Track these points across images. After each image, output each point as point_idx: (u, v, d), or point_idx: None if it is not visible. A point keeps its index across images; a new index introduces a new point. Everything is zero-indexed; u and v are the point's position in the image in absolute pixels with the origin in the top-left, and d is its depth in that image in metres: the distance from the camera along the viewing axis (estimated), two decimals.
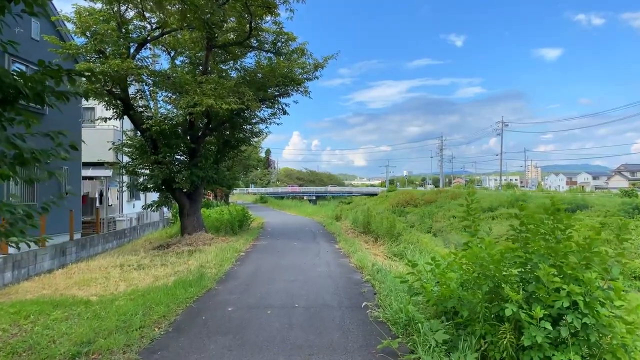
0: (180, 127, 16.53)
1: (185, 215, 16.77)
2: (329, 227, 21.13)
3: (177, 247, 16.16)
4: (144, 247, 18.65)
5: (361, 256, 11.77)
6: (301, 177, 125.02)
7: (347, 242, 15.26)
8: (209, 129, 16.54)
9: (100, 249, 19.74)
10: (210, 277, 9.64)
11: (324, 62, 16.52)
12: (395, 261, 13.55)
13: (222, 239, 17.07)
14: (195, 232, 16.74)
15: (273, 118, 17.60)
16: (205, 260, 11.92)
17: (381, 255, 14.28)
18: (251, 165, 50.77)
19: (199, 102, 12.74)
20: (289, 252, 13.13)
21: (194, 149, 16.28)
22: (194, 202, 16.78)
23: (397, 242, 15.76)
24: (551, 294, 4.55)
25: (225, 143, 17.93)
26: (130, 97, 15.07)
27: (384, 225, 16.74)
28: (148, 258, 14.50)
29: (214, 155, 17.48)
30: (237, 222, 20.23)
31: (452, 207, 65.63)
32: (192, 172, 15.68)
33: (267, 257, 12.36)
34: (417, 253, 13.10)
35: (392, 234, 16.16)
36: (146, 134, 14.99)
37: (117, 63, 12.23)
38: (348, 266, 10.75)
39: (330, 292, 7.97)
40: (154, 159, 15.29)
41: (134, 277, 11.20)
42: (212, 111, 13.89)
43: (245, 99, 13.69)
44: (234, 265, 11.09)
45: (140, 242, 21.37)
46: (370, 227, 18.29)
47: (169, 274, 10.97)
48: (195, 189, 16.63)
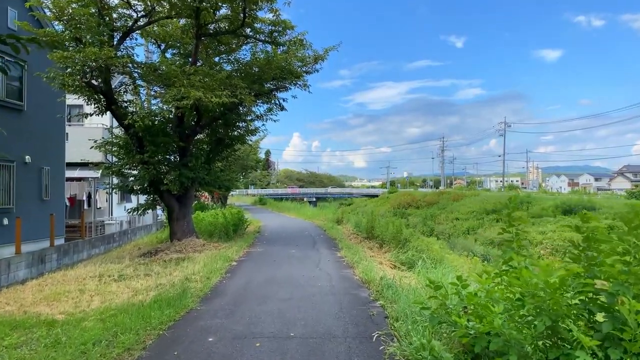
0: (169, 124, 15.27)
1: (175, 219, 15.48)
2: (330, 231, 19.84)
3: (165, 254, 14.89)
4: (130, 253, 17.37)
5: (367, 267, 10.49)
6: (301, 179, 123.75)
7: (350, 249, 13.98)
8: (200, 126, 15.24)
9: (86, 255, 18.47)
10: (194, 292, 8.37)
11: (325, 54, 15.24)
12: (403, 271, 12.30)
13: (215, 245, 15.80)
14: (185, 238, 15.46)
15: (269, 114, 16.31)
16: (192, 271, 10.64)
17: (387, 263, 13.01)
18: (249, 166, 49.45)
19: (186, 95, 11.46)
20: (286, 262, 11.85)
21: (183, 147, 14.99)
22: (183, 206, 15.50)
23: (405, 248, 14.48)
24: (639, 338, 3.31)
25: (218, 141, 16.63)
26: (114, 91, 13.79)
27: (390, 230, 15.46)
28: (132, 267, 13.26)
29: (206, 155, 16.19)
30: (231, 226, 18.93)
31: (454, 208, 64.55)
32: (181, 172, 14.40)
33: (261, 267, 11.07)
34: (429, 263, 11.81)
35: (399, 239, 14.88)
36: (130, 131, 13.71)
37: (94, 51, 10.95)
38: (352, 279, 9.47)
39: (332, 315, 6.68)
40: (139, 158, 14.01)
41: (111, 291, 9.95)
42: (201, 105, 12.61)
43: (238, 92, 12.41)
44: (223, 278, 9.81)
45: (128, 247, 20.10)
46: (374, 232, 17.01)
47: (150, 287, 9.71)
48: (185, 191, 15.34)
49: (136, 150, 14.34)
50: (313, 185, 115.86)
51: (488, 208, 56.86)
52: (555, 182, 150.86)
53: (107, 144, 14.73)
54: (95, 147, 14.47)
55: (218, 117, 15.20)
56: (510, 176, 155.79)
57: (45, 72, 12.37)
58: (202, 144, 17.20)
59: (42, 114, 16.60)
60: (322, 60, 15.33)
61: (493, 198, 63.61)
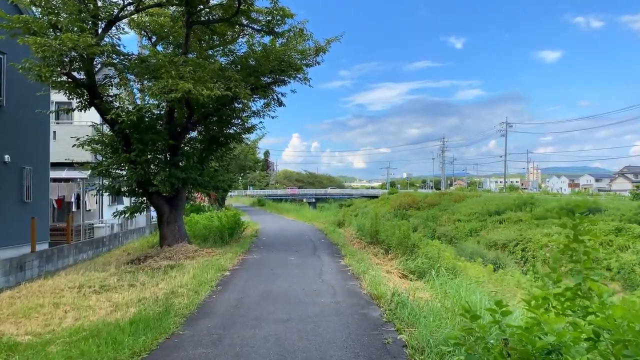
0: (159, 121, 14.16)
1: (165, 223, 14.37)
2: (332, 235, 18.73)
3: (154, 261, 13.78)
4: (118, 259, 16.25)
5: (374, 278, 9.39)
6: (300, 179, 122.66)
7: (354, 256, 12.87)
8: (192, 123, 14.12)
9: (72, 260, 17.34)
10: (178, 311, 7.27)
11: (327, 46, 14.13)
12: (413, 281, 11.22)
13: (208, 250, 14.68)
14: (176, 244, 14.35)
15: (267, 110, 15.17)
16: (179, 282, 9.53)
17: (396, 272, 11.91)
18: (248, 166, 48.31)
19: (175, 87, 10.35)
20: (285, 272, 10.73)
21: (173, 146, 13.87)
22: (174, 208, 14.39)
23: (413, 255, 13.38)
24: None
25: (212, 140, 15.50)
26: (98, 84, 12.68)
27: (396, 235, 14.34)
28: (117, 276, 12.18)
29: (199, 154, 15.07)
30: (227, 230, 17.81)
31: (456, 210, 63.50)
32: (171, 173, 13.28)
33: (257, 278, 9.94)
34: (442, 272, 10.70)
35: (407, 245, 13.77)
36: (115, 128, 12.60)
37: (71, 37, 9.84)
38: (360, 294, 8.35)
39: (339, 343, 5.57)
40: (126, 157, 12.91)
41: (89, 305, 8.88)
42: (191, 99, 11.51)
43: (233, 85, 11.30)
44: (213, 292, 8.69)
45: (117, 252, 18.97)
46: (379, 237, 15.91)
47: (132, 302, 8.62)
48: (176, 192, 14.24)
49: (122, 148, 13.23)
50: (312, 186, 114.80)
51: (491, 209, 55.91)
52: (555, 183, 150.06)
53: (92, 142, 13.60)
54: (78, 145, 13.33)
55: (211, 114, 14.09)
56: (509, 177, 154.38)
57: (21, 62, 11.25)
58: (195, 143, 16.09)
59: (24, 110, 15.49)
60: (324, 52, 14.23)
61: (495, 199, 62.63)
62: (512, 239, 42.80)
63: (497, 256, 24.80)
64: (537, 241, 39.96)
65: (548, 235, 40.58)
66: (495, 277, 13.19)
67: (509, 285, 12.99)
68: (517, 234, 43.44)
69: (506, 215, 51.25)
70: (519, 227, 46.48)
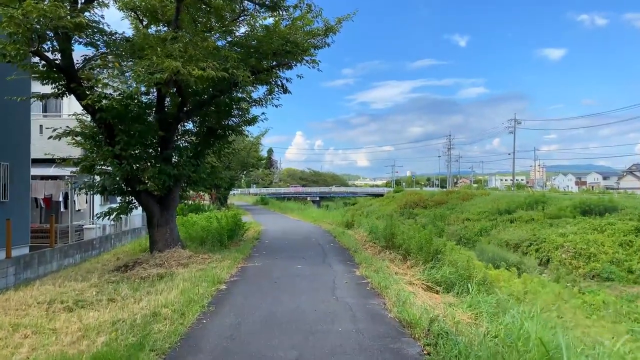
0: (147, 111, 12.53)
1: (155, 226, 12.74)
2: (341, 238, 17.05)
3: (142, 269, 12.17)
4: (105, 266, 14.66)
5: (399, 295, 7.74)
6: (304, 177, 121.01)
7: (369, 264, 11.22)
8: (185, 112, 12.44)
9: (56, 266, 15.75)
10: (156, 343, 5.63)
11: (337, 25, 12.45)
12: (440, 294, 9.60)
13: (204, 256, 13.04)
14: (167, 249, 12.74)
15: (270, 98, 13.46)
16: (164, 300, 7.88)
17: (419, 284, 10.26)
18: (250, 163, 46.63)
19: (160, 66, 8.71)
20: (291, 285, 9.07)
21: (164, 138, 12.23)
22: (166, 209, 12.75)
23: (436, 262, 11.74)
24: None
25: (209, 132, 13.83)
26: (77, 67, 11.04)
27: (416, 239, 12.68)
28: (97, 287, 10.60)
29: (193, 148, 13.44)
30: (226, 232, 16.17)
31: (464, 208, 61.80)
32: (161, 169, 11.65)
33: (258, 294, 8.28)
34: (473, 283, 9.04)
35: (429, 251, 12.11)
36: (97, 117, 10.97)
37: (37, 7, 8.20)
38: (386, 319, 6.68)
39: None
40: (108, 151, 11.28)
41: (53, 328, 7.26)
42: (181, 80, 9.85)
43: (229, 66, 9.64)
44: (204, 314, 7.04)
45: (107, 257, 17.36)
46: (395, 241, 14.25)
47: (104, 326, 6.97)
48: (167, 191, 12.61)
49: (105, 141, 11.60)
50: (316, 184, 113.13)
51: (501, 208, 54.20)
52: (562, 181, 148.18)
53: (70, 134, 11.96)
54: (54, 137, 11.72)
55: (207, 102, 12.43)
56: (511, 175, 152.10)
57: None
58: (189, 135, 14.44)
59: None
60: (334, 32, 12.54)
61: (504, 198, 60.96)
62: (525, 239, 41.11)
63: (521, 260, 22.96)
64: (552, 241, 38.24)
65: (563, 236, 38.87)
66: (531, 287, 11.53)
67: (548, 296, 11.34)
68: (530, 234, 41.75)
69: (517, 214, 49.55)
70: (531, 226, 44.80)
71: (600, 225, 38.82)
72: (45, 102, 21.07)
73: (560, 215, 45.18)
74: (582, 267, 33.40)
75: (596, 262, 33.07)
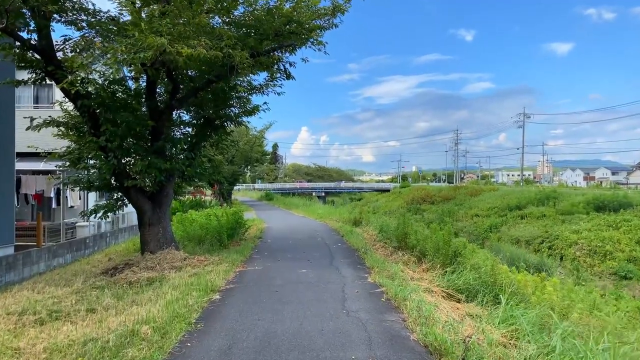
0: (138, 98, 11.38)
1: (146, 225, 11.62)
2: (349, 237, 15.87)
3: (131, 273, 11.08)
4: (95, 268, 13.57)
5: (421, 308, 6.59)
6: (309, 173, 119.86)
7: (382, 268, 10.06)
8: (177, 100, 11.26)
9: (43, 267, 14.70)
10: None
11: (346, 4, 11.22)
12: (462, 303, 8.46)
13: (200, 259, 11.93)
14: (160, 250, 11.63)
15: (272, 83, 12.23)
16: (146, 315, 6.76)
17: (438, 290, 9.09)
18: (254, 158, 45.39)
19: (144, 44, 7.56)
20: (294, 294, 7.91)
21: (154, 129, 11.08)
22: (158, 207, 11.63)
23: (455, 265, 10.55)
24: None
25: (206, 122, 12.68)
26: (57, 48, 9.91)
27: (433, 240, 11.50)
28: (78, 294, 9.56)
29: (188, 140, 12.31)
30: (225, 231, 15.04)
31: (473, 204, 60.50)
32: (152, 162, 10.52)
33: (255, 308, 7.12)
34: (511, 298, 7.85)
35: (447, 254, 10.92)
36: (79, 104, 9.83)
37: None
38: (408, 342, 5.51)
39: None
40: (92, 142, 10.16)
41: (17, 348, 6.20)
42: (170, 62, 8.68)
43: (224, 45, 8.47)
44: (190, 334, 5.90)
45: (99, 257, 16.29)
46: (408, 241, 13.09)
47: (73, 347, 5.88)
48: (159, 187, 11.48)
49: (90, 131, 10.47)
50: (322, 179, 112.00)
51: (511, 204, 52.89)
52: (570, 176, 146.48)
53: (51, 124, 10.83)
54: (32, 127, 10.60)
55: (202, 88, 11.25)
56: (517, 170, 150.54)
57: None
58: (185, 126, 13.27)
59: None
60: (342, 12, 11.32)
61: (514, 193, 59.62)
62: (536, 235, 39.86)
63: (541, 260, 21.64)
64: (565, 238, 36.97)
65: (577, 232, 37.58)
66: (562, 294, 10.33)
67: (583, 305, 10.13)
68: (541, 231, 40.49)
69: (528, 210, 48.22)
70: (542, 222, 43.54)
71: (616, 222, 37.55)
72: (36, 93, 20.02)
73: (572, 212, 43.88)
74: (597, 265, 32.15)
75: (612, 260, 31.85)
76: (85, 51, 9.33)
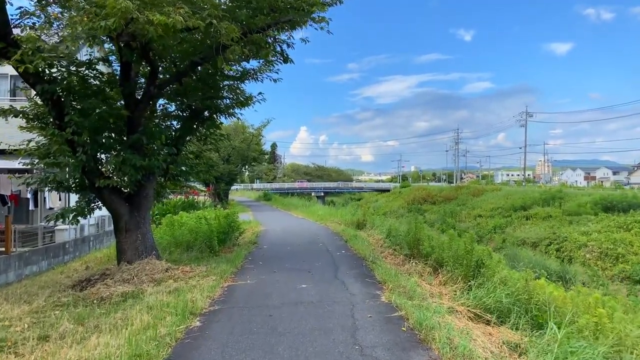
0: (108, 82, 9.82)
1: (123, 231, 10.09)
2: (353, 242, 14.36)
3: (105, 287, 9.59)
4: (68, 277, 12.05)
5: (452, 340, 5.12)
6: (308, 172, 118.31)
7: (396, 282, 8.54)
8: (156, 86, 9.71)
9: (13, 276, 13.19)
10: None
11: None
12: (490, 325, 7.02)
13: (185, 269, 10.41)
14: (138, 260, 10.11)
15: (266, 70, 10.71)
16: (104, 351, 5.25)
17: (462, 310, 7.62)
18: (251, 157, 43.78)
19: (106, 10, 6.06)
20: (292, 322, 6.36)
21: (130, 119, 9.57)
22: (136, 210, 10.10)
23: (477, 277, 9.08)
24: None
25: (193, 114, 11.16)
26: (12, 23, 8.40)
27: (451, 248, 10.00)
28: (35, 316, 8.11)
29: (171, 133, 10.78)
30: (216, 236, 13.52)
31: (475, 204, 59.13)
32: (126, 158, 9.01)
33: (243, 342, 5.56)
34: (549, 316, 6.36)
35: (469, 264, 9.42)
36: (38, 88, 8.30)
37: None
38: None
39: None
40: (54, 135, 8.64)
41: None
42: (140, 35, 7.17)
43: (207, 14, 6.96)
44: None
45: (76, 265, 14.76)
46: (421, 248, 11.60)
47: None
48: (138, 187, 9.97)
49: (54, 122, 8.95)
50: (320, 179, 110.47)
51: (516, 204, 51.58)
52: (570, 176, 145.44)
53: (7, 113, 9.29)
54: None
55: (185, 72, 9.71)
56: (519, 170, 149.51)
57: None
58: (169, 119, 11.72)
59: None
60: None
61: (517, 193, 58.36)
62: (543, 237, 38.51)
63: (564, 268, 20.02)
64: (574, 240, 35.60)
65: (586, 234, 36.23)
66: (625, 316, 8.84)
67: None
68: (548, 232, 39.14)
69: (533, 211, 46.93)
70: (549, 223, 42.22)
71: (626, 223, 36.21)
72: (12, 85, 18.49)
73: (579, 212, 42.55)
74: (609, 269, 30.81)
75: (625, 264, 30.52)
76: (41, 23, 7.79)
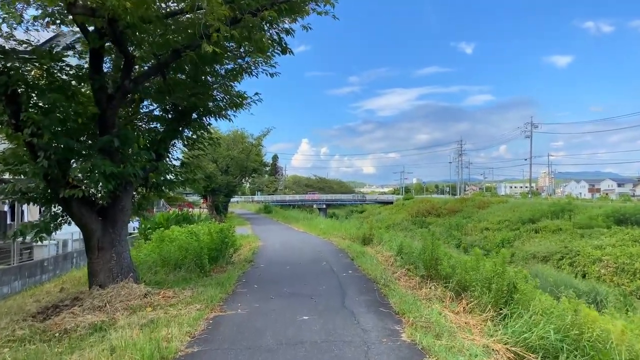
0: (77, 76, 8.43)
1: (95, 250, 8.62)
2: (360, 260, 12.84)
3: (71, 316, 8.12)
4: (35, 302, 10.55)
5: None
6: (310, 184, 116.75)
7: (417, 314, 7.05)
8: (132, 81, 8.31)
9: None
10: None
11: None
12: None
13: (166, 294, 8.93)
14: (113, 283, 8.65)
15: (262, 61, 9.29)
16: None
17: (500, 349, 6.15)
18: (251, 167, 42.20)
19: None
20: None
21: (101, 118, 8.17)
22: (111, 225, 8.65)
23: (511, 305, 7.59)
24: None
25: (179, 116, 9.74)
26: None
27: (481, 273, 8.49)
28: None
29: (153, 137, 9.37)
30: (207, 253, 12.03)
31: (481, 217, 57.56)
32: (95, 164, 7.59)
33: None
34: None
35: (500, 289, 7.92)
36: None
37: None
38: None
39: None
40: (11, 136, 7.25)
41: None
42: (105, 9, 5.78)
43: None
44: None
45: (48, 287, 13.22)
46: (439, 269, 10.10)
47: None
48: (113, 199, 8.53)
49: (9, 122, 7.54)
50: (322, 191, 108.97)
51: (524, 217, 50.09)
52: (574, 188, 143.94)
53: None
54: None
55: (167, 63, 8.31)
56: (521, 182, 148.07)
57: None
58: (154, 121, 10.29)
59: None
60: None
61: (524, 205, 56.87)
62: (554, 251, 36.93)
63: (594, 287, 18.32)
64: (588, 254, 34.06)
65: (600, 248, 34.70)
66: None
67: None
68: (560, 246, 37.56)
69: (542, 224, 45.43)
70: (559, 237, 40.68)
71: None
72: None
73: (591, 225, 41.02)
74: (626, 285, 29.26)
75: None
76: None
